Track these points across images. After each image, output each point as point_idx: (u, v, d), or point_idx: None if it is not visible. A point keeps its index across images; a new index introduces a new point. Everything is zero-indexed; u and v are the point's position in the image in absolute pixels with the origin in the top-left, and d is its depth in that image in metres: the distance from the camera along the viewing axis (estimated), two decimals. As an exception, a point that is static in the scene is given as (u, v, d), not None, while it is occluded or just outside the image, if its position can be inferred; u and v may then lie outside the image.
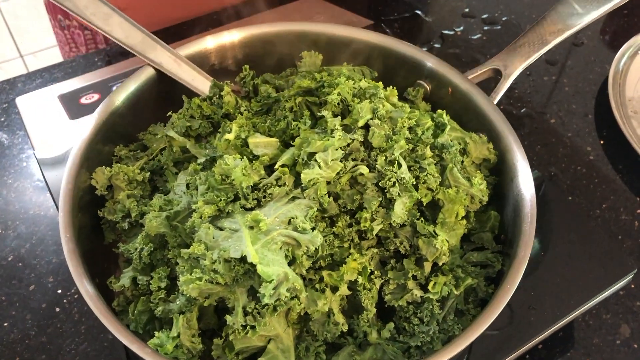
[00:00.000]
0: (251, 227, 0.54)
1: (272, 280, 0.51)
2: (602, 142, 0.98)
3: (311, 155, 0.58)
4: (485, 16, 1.17)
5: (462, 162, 0.67)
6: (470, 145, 0.68)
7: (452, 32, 1.13)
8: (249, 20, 1.06)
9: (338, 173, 0.60)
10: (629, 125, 0.96)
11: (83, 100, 0.91)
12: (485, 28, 1.15)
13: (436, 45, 1.11)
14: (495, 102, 0.73)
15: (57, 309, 0.76)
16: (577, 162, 0.96)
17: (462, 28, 1.14)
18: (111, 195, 0.68)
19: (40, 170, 0.83)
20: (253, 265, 0.52)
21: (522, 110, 1.02)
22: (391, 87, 0.69)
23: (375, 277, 0.61)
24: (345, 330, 0.59)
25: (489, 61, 0.76)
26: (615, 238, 0.86)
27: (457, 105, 0.74)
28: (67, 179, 0.63)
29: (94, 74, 0.99)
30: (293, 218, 0.56)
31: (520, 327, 0.68)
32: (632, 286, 0.81)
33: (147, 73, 0.74)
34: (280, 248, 0.55)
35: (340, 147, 0.59)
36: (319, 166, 0.58)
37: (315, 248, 0.55)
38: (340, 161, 0.59)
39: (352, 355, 0.59)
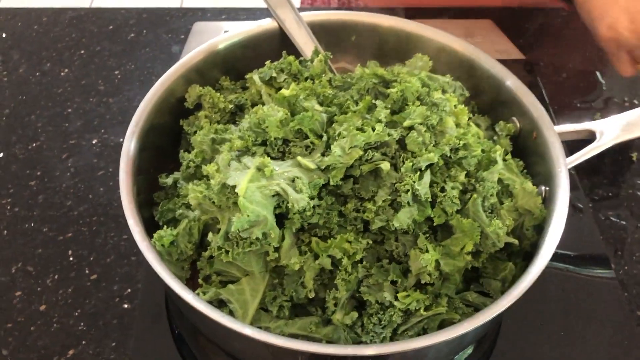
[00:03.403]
0: (259, 169, 0.60)
1: (248, 215, 0.57)
2: None
3: (339, 134, 0.62)
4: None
5: (502, 203, 0.65)
6: (517, 190, 0.65)
7: (618, 101, 1.05)
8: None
9: (360, 159, 0.62)
10: None
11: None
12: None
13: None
14: (574, 164, 0.68)
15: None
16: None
17: (635, 100, 1.05)
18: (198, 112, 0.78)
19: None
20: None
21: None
22: (463, 106, 0.69)
23: (362, 267, 0.63)
24: (312, 297, 0.62)
25: (588, 122, 0.71)
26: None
27: (536, 152, 0.71)
28: (164, 79, 0.74)
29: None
30: (298, 178, 0.61)
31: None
32: None
33: (274, 25, 0.82)
34: (273, 196, 0.60)
35: (365, 139, 0.61)
36: (338, 153, 0.61)
37: (304, 210, 0.59)
38: (366, 151, 0.62)
39: (311, 324, 0.63)
